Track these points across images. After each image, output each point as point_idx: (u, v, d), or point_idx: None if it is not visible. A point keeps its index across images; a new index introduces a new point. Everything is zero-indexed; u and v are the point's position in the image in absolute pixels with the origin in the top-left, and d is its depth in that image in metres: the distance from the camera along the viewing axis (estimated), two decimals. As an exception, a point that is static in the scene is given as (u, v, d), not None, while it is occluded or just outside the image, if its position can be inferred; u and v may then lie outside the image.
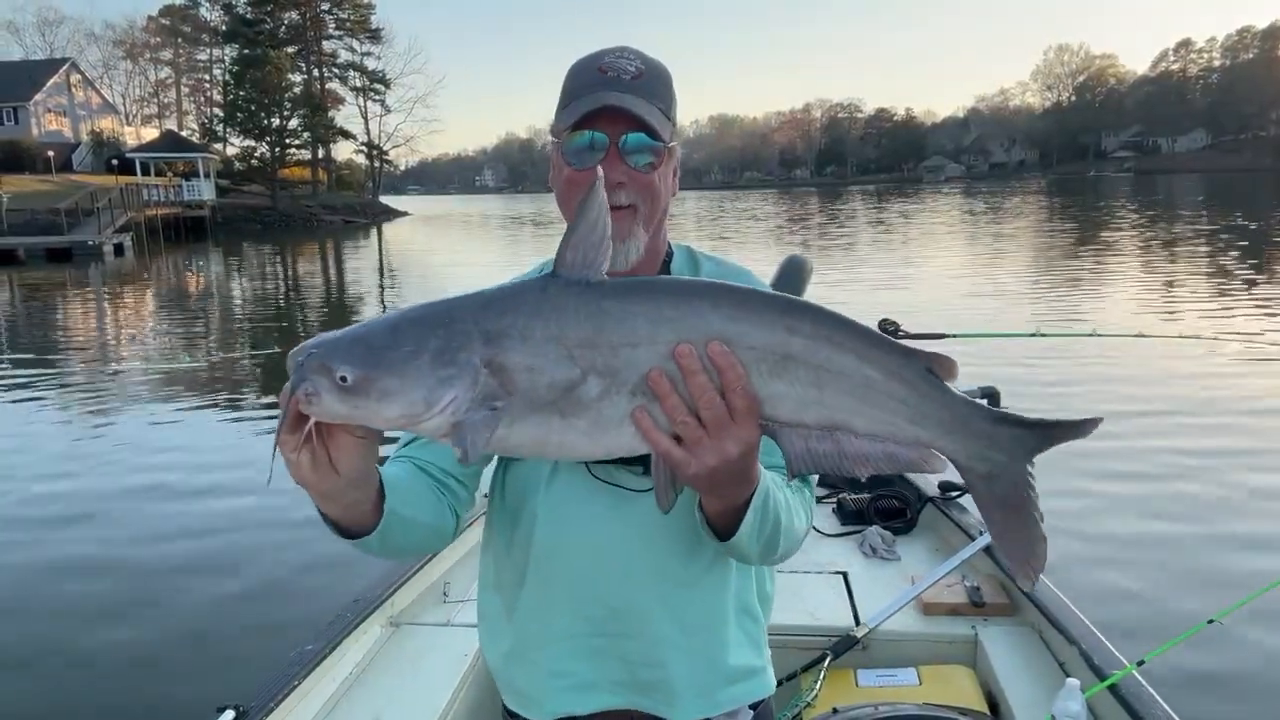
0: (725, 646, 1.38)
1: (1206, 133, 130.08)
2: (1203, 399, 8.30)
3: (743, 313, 0.93)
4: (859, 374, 0.94)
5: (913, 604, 2.69)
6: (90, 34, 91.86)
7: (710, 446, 0.96)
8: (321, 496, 1.05)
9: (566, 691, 1.39)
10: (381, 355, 0.90)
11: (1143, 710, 2.02)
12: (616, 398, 0.94)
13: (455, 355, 0.90)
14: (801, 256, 3.04)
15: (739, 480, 1.05)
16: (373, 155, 79.16)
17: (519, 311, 0.93)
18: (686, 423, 0.94)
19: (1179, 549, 5.23)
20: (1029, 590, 0.92)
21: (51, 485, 7.27)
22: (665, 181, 1.33)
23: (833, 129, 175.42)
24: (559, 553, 1.35)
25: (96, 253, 34.84)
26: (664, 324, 0.93)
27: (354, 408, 0.91)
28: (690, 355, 0.92)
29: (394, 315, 0.95)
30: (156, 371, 12.04)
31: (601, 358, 0.92)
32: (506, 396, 0.92)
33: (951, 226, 37.65)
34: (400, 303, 15.72)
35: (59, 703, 4.12)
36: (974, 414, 0.96)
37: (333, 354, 0.90)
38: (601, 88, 1.25)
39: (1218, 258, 20.79)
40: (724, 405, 0.94)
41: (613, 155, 1.26)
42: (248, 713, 2.06)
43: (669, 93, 1.31)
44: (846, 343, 0.93)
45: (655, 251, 1.38)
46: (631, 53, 1.30)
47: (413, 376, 0.90)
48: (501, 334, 0.92)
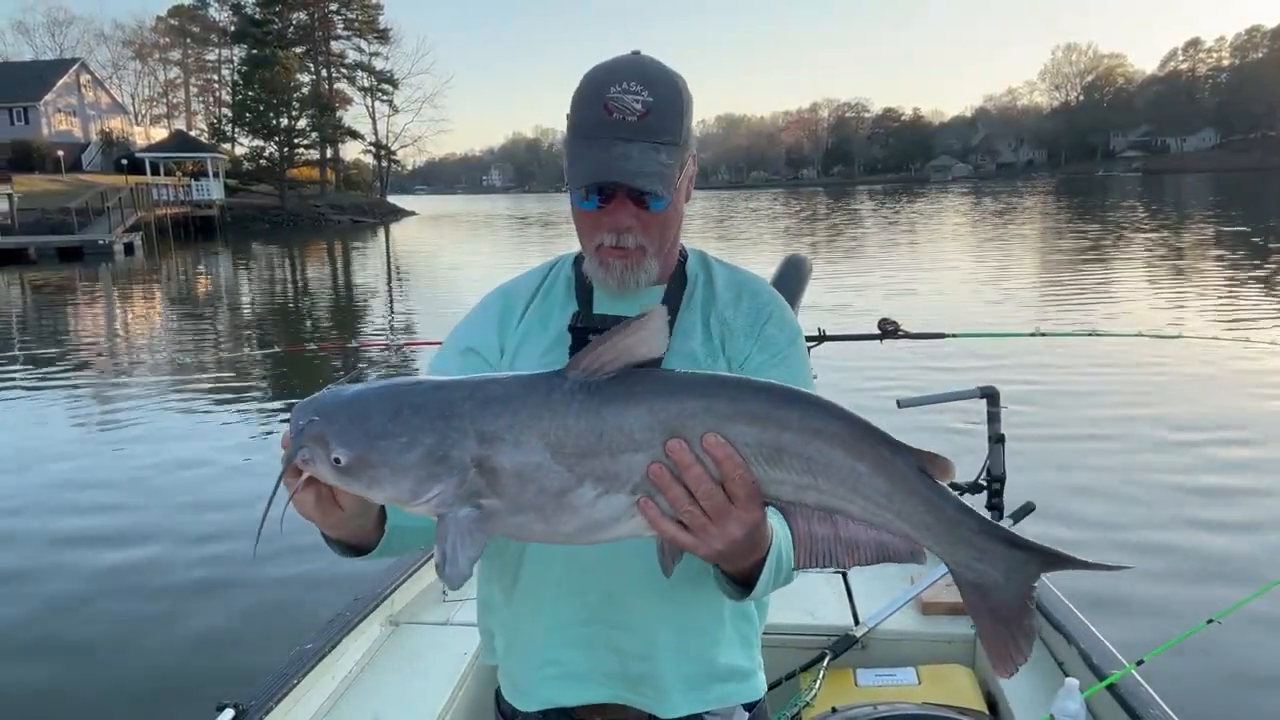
0: (717, 645, 1.38)
1: (1216, 132, 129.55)
2: (1202, 399, 8.28)
3: (735, 409, 0.95)
4: (847, 466, 0.94)
5: (912, 603, 2.69)
6: (100, 34, 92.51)
7: (715, 532, 0.99)
8: (327, 527, 1.09)
9: (556, 680, 1.40)
10: (375, 444, 0.92)
11: (1141, 710, 2.02)
12: (613, 498, 0.96)
13: (448, 453, 0.93)
14: (801, 255, 3.03)
15: (749, 552, 1.08)
16: (380, 155, 79.34)
17: (518, 414, 0.94)
18: (690, 511, 0.97)
19: (1178, 549, 5.22)
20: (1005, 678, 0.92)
21: (56, 483, 7.32)
22: (678, 203, 1.35)
23: (840, 129, 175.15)
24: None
25: (107, 252, 35.02)
26: (660, 429, 0.94)
27: (345, 484, 0.95)
28: (682, 450, 0.94)
29: (398, 392, 0.97)
30: (166, 370, 12.11)
31: (601, 465, 0.94)
32: (493, 496, 0.95)
33: (957, 226, 37.59)
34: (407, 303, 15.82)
35: (58, 700, 4.14)
36: (962, 521, 0.95)
37: (330, 429, 0.93)
38: (606, 134, 1.24)
39: (1222, 258, 20.74)
40: (723, 494, 0.96)
41: (619, 200, 1.28)
42: (247, 711, 2.07)
43: (680, 115, 1.28)
44: (834, 435, 0.94)
45: (668, 263, 1.41)
46: (638, 76, 1.26)
47: (403, 469, 0.93)
48: (496, 436, 0.93)
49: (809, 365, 1.45)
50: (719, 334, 1.39)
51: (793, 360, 1.40)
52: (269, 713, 2.10)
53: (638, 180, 1.23)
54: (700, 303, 1.42)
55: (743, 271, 1.49)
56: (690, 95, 1.31)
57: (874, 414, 3.75)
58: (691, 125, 1.31)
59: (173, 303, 21.53)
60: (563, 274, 1.47)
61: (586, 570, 1.34)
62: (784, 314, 1.43)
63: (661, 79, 1.27)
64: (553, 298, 1.45)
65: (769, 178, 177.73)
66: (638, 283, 1.34)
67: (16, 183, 43.25)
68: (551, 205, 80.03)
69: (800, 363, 1.42)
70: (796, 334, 1.43)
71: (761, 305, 1.42)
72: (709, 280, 1.44)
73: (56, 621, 4.92)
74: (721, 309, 1.41)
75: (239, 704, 2.08)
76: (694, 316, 1.40)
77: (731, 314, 1.40)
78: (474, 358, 1.43)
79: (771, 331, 1.40)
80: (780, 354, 1.39)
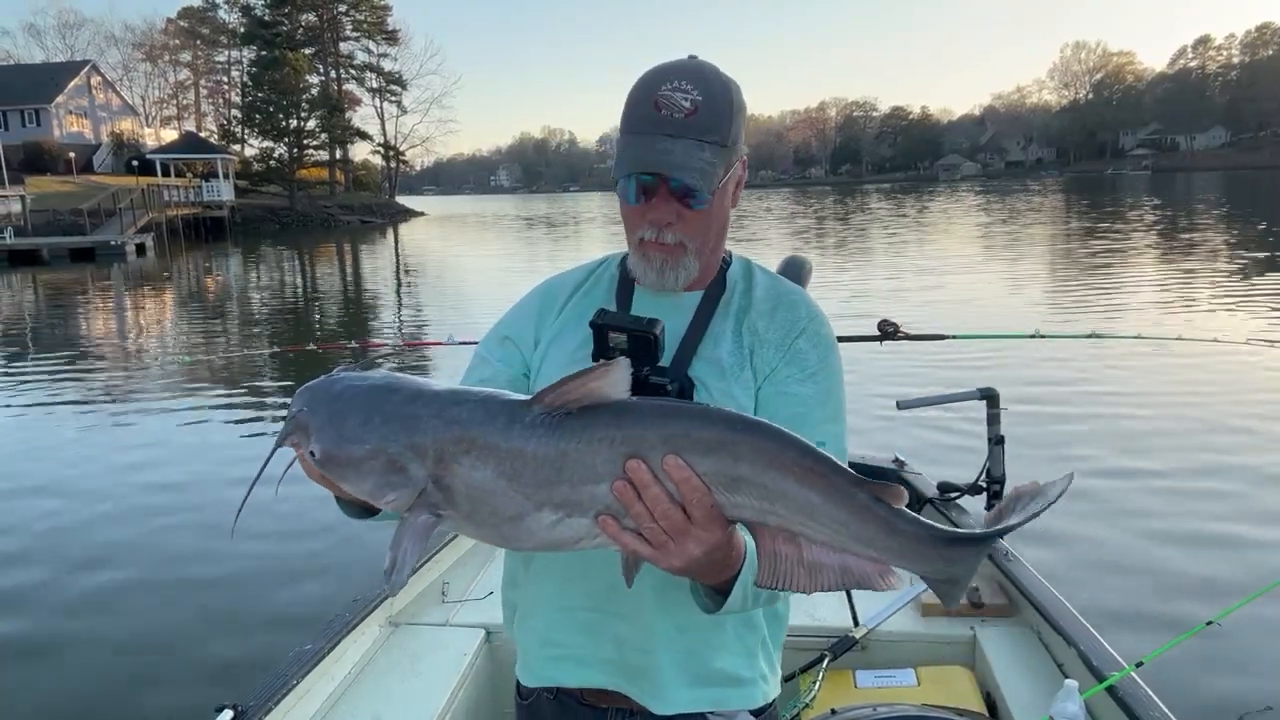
0: (714, 649, 1.38)
1: (1226, 130, 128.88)
2: (1202, 400, 8.24)
3: (692, 438, 0.96)
4: (801, 495, 0.96)
5: (911, 605, 2.68)
6: (110, 36, 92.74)
7: (675, 549, 1.01)
8: (334, 491, 1.13)
9: (558, 661, 1.43)
10: (345, 445, 1.00)
11: (1141, 711, 2.01)
12: (574, 521, 1.00)
13: (407, 466, 0.98)
14: (801, 256, 3.04)
15: (716, 569, 1.09)
16: (389, 156, 79.59)
17: (476, 440, 0.97)
18: (651, 528, 1.00)
19: (1178, 550, 5.19)
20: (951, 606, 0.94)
21: (60, 481, 7.34)
22: (722, 206, 1.35)
23: (848, 127, 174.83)
24: None
25: (119, 253, 35.20)
26: (620, 460, 0.96)
27: (320, 473, 1.04)
28: (640, 470, 0.97)
29: (376, 398, 1.02)
30: (175, 369, 12.15)
31: (560, 494, 0.98)
32: (450, 510, 1.00)
33: (963, 226, 37.47)
34: (416, 303, 15.84)
35: (57, 701, 4.14)
36: (923, 540, 0.97)
37: (312, 423, 1.02)
38: (654, 129, 1.25)
39: (1226, 257, 20.64)
40: (681, 514, 0.98)
41: (662, 196, 1.29)
42: (246, 712, 2.07)
43: (728, 117, 1.28)
44: (788, 466, 0.96)
45: (710, 266, 1.41)
46: (692, 76, 1.27)
47: (366, 473, 1.00)
48: (453, 459, 0.97)
49: (842, 386, 1.41)
50: (749, 343, 1.38)
51: (823, 378, 1.37)
52: (268, 714, 2.10)
53: (677, 173, 1.24)
54: (735, 310, 1.41)
55: (786, 284, 1.47)
56: (742, 102, 1.32)
57: (874, 415, 3.82)
58: (742, 130, 1.32)
59: (184, 303, 21.62)
60: (608, 271, 1.49)
61: (594, 558, 1.34)
62: (820, 330, 1.41)
63: (714, 81, 1.28)
64: (595, 294, 1.47)
65: (777, 176, 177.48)
66: (676, 280, 1.35)
67: (29, 184, 43.51)
68: (559, 206, 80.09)
69: (831, 382, 1.38)
70: (830, 352, 1.40)
71: (797, 319, 1.40)
72: (748, 289, 1.43)
73: (56, 621, 4.92)
74: (755, 319, 1.40)
75: (238, 705, 2.08)
76: (726, 324, 1.39)
77: (765, 325, 1.39)
78: (510, 346, 1.47)
79: (803, 346, 1.37)
80: (809, 370, 1.36)
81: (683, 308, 1.39)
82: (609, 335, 1.29)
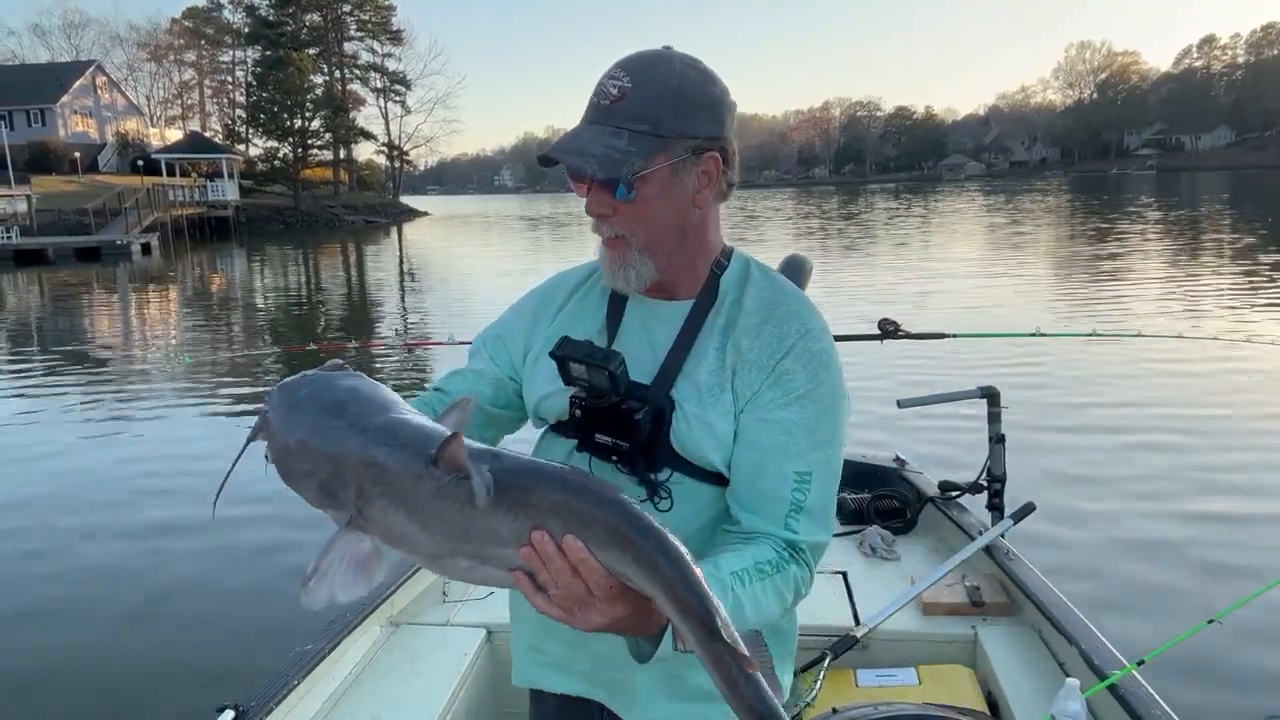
0: (695, 667, 1.32)
1: (1231, 130, 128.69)
2: (1203, 399, 8.23)
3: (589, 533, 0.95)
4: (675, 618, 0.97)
5: (912, 604, 2.68)
6: (115, 36, 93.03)
7: (580, 616, 1.00)
8: None
9: (539, 667, 1.44)
10: (288, 458, 1.05)
11: (1142, 710, 2.01)
12: (488, 569, 1.00)
13: (335, 492, 1.01)
14: (801, 256, 3.03)
15: (635, 629, 1.05)
16: (393, 156, 79.65)
17: (389, 487, 0.98)
18: (557, 595, 0.99)
19: (1179, 549, 5.18)
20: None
21: (62, 479, 7.37)
22: (669, 200, 1.26)
23: (852, 127, 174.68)
24: None
25: (124, 252, 35.30)
26: (525, 529, 0.96)
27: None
28: (544, 543, 0.95)
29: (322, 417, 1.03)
30: (180, 368, 12.17)
31: (471, 549, 0.98)
32: (376, 536, 1.02)
33: (967, 226, 37.44)
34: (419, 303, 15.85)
35: (57, 701, 4.14)
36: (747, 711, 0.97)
37: (269, 428, 1.07)
38: (584, 118, 1.25)
39: (1229, 256, 20.61)
40: (584, 587, 0.97)
41: (596, 186, 1.25)
42: (247, 712, 2.07)
43: (668, 105, 1.21)
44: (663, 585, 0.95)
45: (692, 270, 1.33)
46: (631, 65, 1.24)
47: (305, 486, 1.04)
48: (370, 498, 0.99)
49: (839, 405, 1.28)
50: (731, 363, 1.27)
51: (814, 400, 1.25)
52: (269, 714, 2.10)
53: (569, 157, 1.22)
54: (722, 324, 1.30)
55: (784, 291, 1.34)
56: (705, 96, 1.25)
57: (875, 414, 3.82)
58: (697, 123, 1.23)
59: (189, 303, 21.67)
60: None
61: None
62: (812, 347, 1.27)
63: (655, 69, 1.23)
64: (591, 297, 1.42)
65: (781, 176, 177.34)
66: (629, 281, 1.29)
67: (34, 184, 43.61)
68: (563, 206, 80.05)
69: (824, 404, 1.26)
70: (823, 370, 1.26)
71: (784, 335, 1.27)
72: (740, 298, 1.32)
73: (55, 620, 4.93)
74: (740, 335, 1.28)
75: (239, 705, 2.08)
76: (711, 339, 1.29)
77: (749, 342, 1.27)
78: (500, 346, 1.46)
79: (789, 366, 1.25)
80: (795, 393, 1.24)
81: (671, 318, 1.33)
82: (570, 365, 1.28)
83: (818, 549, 1.26)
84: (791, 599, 1.23)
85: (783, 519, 1.22)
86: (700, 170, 1.26)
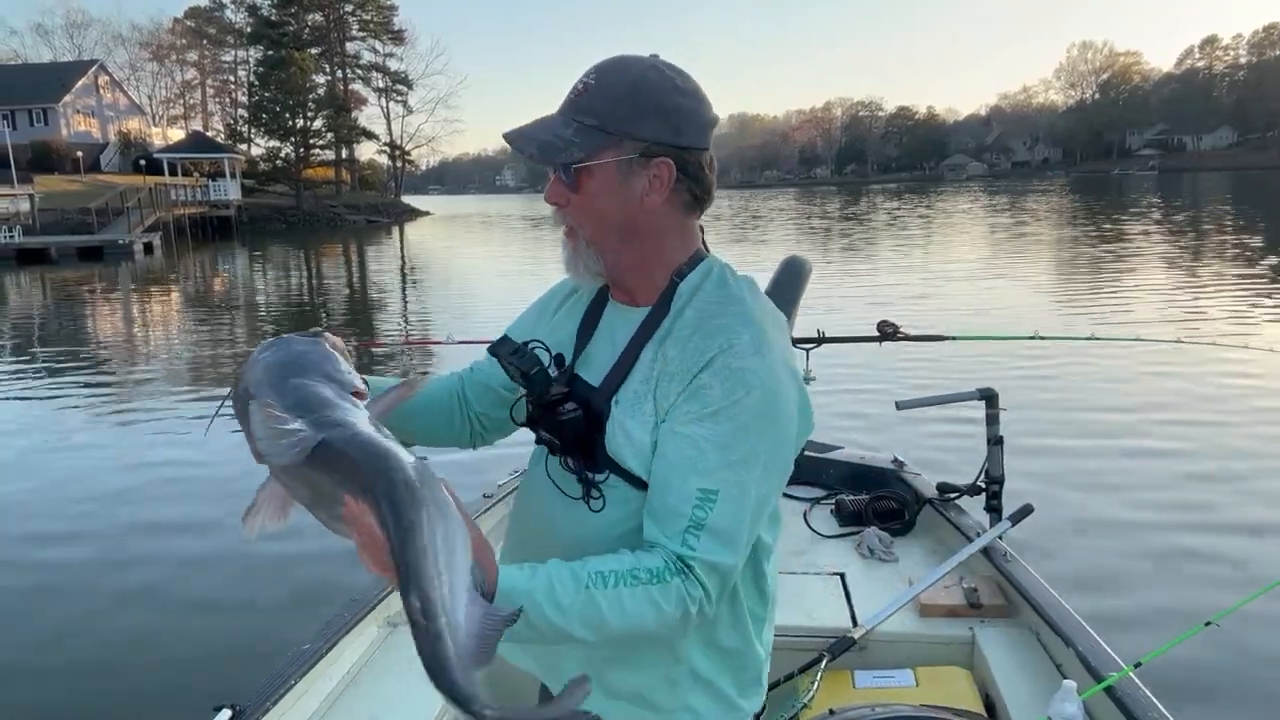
0: (618, 664, 1.34)
1: (1233, 130, 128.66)
2: (1201, 402, 8.23)
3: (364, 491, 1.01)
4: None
5: (910, 605, 2.68)
6: (117, 36, 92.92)
7: (384, 574, 1.00)
8: None
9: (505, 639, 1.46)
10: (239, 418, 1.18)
11: (1139, 712, 2.01)
12: (335, 524, 1.07)
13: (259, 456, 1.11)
14: (800, 258, 3.04)
15: None
16: (395, 155, 79.64)
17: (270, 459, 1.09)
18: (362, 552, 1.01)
19: (1176, 551, 5.18)
20: None
21: (62, 479, 7.37)
22: (612, 197, 1.26)
23: (853, 127, 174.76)
24: (515, 527, 1.50)
25: (127, 252, 35.33)
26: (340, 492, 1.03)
27: None
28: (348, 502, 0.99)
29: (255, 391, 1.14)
30: (182, 367, 12.20)
31: (322, 504, 1.07)
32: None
33: (968, 226, 37.42)
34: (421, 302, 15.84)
35: (55, 701, 4.14)
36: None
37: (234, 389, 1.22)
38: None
39: (1231, 258, 20.58)
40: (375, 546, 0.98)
41: (554, 177, 1.28)
42: (244, 712, 2.06)
43: (623, 103, 1.23)
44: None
45: (648, 276, 1.33)
46: (601, 65, 1.27)
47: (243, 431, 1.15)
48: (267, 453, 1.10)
49: (765, 430, 1.22)
50: (657, 373, 1.26)
51: (728, 418, 1.19)
52: (266, 714, 2.10)
53: (515, 139, 1.27)
54: (661, 334, 1.29)
55: (730, 302, 1.29)
56: (663, 100, 1.24)
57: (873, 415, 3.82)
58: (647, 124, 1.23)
59: (191, 302, 21.69)
60: None
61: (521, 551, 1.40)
62: (732, 363, 1.21)
63: (618, 71, 1.25)
64: (584, 299, 1.44)
65: (782, 176, 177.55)
66: (577, 272, 1.33)
67: (37, 183, 43.67)
68: (565, 205, 79.75)
69: (740, 422, 1.20)
70: (742, 388, 1.20)
71: (707, 348, 1.22)
72: (684, 308, 1.30)
73: (54, 618, 4.93)
74: (670, 345, 1.26)
75: (236, 705, 2.07)
76: (650, 349, 1.29)
77: (675, 352, 1.25)
78: (507, 340, 1.48)
79: (706, 380, 1.20)
80: (709, 409, 1.19)
81: (631, 323, 1.34)
82: (502, 363, 1.37)
83: (713, 569, 1.20)
84: (675, 613, 1.19)
85: (679, 534, 1.19)
86: (651, 174, 1.25)
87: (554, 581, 1.14)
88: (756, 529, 1.26)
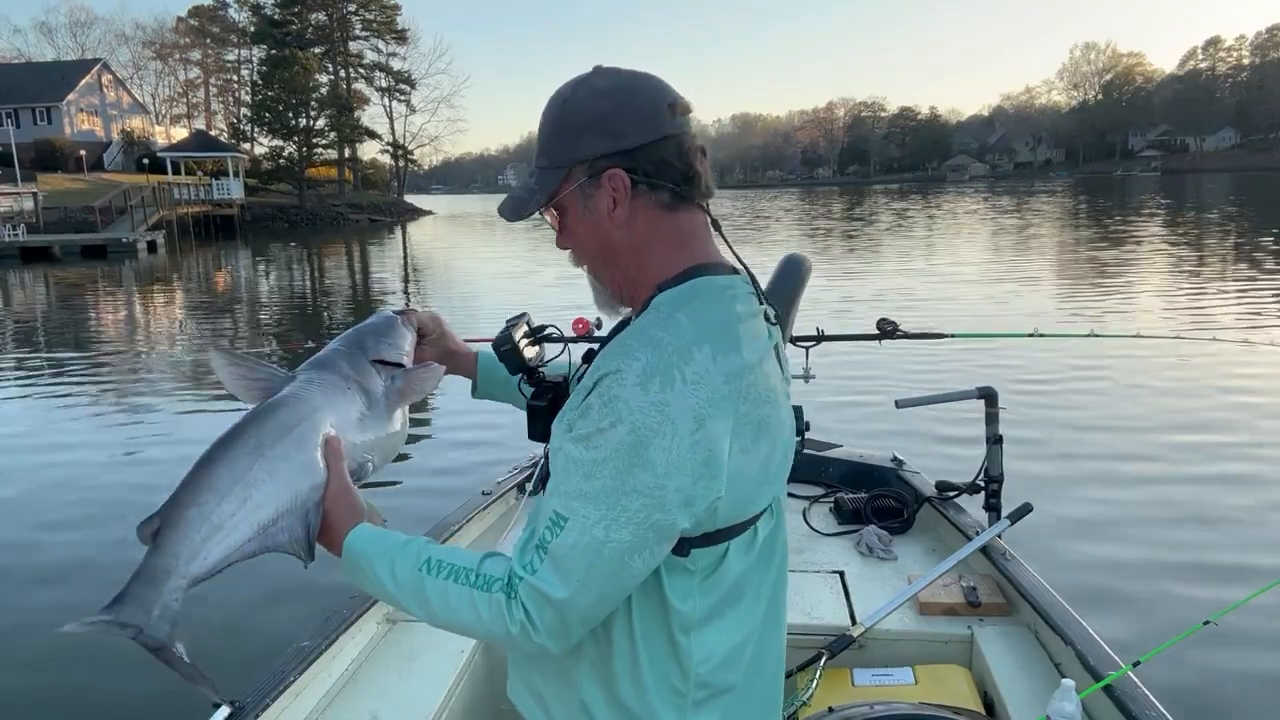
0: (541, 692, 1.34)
1: (1235, 131, 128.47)
2: (1200, 400, 8.23)
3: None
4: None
5: (909, 603, 2.67)
6: (121, 35, 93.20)
7: None
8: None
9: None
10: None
11: (1138, 711, 2.00)
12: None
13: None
14: (800, 255, 3.03)
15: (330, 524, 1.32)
16: (398, 155, 79.69)
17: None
18: None
19: (1176, 550, 5.19)
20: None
21: (61, 478, 7.38)
22: (587, 226, 1.25)
23: (856, 128, 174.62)
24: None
25: (130, 250, 35.42)
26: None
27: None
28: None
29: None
30: (183, 365, 12.21)
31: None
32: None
33: (970, 226, 37.38)
34: (422, 301, 15.85)
35: (54, 698, 4.15)
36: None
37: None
38: None
39: (1231, 257, 20.58)
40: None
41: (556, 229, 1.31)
42: (243, 709, 2.06)
43: (554, 137, 1.23)
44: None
45: (634, 293, 1.28)
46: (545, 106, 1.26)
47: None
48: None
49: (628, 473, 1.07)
50: (576, 388, 1.22)
51: (593, 449, 1.09)
52: (265, 710, 2.10)
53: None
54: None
55: (659, 322, 1.16)
56: (588, 113, 1.20)
57: (872, 414, 3.81)
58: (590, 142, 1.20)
59: (194, 300, 21.71)
60: None
61: None
62: (614, 388, 1.09)
63: (550, 103, 1.25)
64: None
65: (784, 177, 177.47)
66: (601, 304, 1.35)
67: (40, 182, 43.75)
68: (567, 205, 79.85)
69: (600, 459, 1.09)
70: (612, 417, 1.08)
71: (602, 365, 1.14)
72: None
73: (52, 617, 4.93)
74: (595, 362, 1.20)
75: (235, 701, 2.08)
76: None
77: (590, 369, 1.20)
78: None
79: (591, 401, 1.11)
80: (585, 431, 1.11)
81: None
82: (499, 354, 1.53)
83: (540, 597, 1.11)
84: (493, 625, 1.15)
85: (524, 551, 1.15)
86: (609, 189, 1.21)
87: (396, 555, 1.23)
88: (608, 575, 1.11)
